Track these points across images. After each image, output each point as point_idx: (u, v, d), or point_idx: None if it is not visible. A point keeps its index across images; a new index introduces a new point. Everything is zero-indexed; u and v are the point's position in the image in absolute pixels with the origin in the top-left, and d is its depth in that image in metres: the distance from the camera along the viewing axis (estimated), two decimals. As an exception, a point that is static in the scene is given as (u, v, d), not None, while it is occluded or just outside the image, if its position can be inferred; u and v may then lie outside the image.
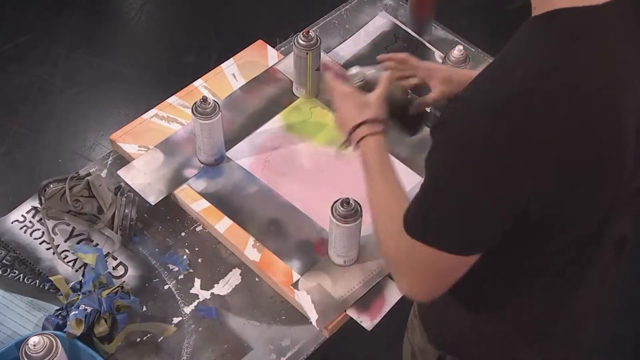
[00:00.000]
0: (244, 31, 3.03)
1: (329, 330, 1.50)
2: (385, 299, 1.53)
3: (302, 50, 1.75)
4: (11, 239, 1.61)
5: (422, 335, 1.41)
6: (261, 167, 1.72)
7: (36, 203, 1.65)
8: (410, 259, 1.11)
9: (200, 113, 1.62)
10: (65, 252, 1.59)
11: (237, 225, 1.62)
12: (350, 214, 1.47)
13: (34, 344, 1.27)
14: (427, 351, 1.40)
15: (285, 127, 1.79)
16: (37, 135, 2.88)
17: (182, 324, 1.51)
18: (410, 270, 1.13)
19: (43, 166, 2.78)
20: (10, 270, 1.57)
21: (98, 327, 1.43)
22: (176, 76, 2.91)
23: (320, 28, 2.02)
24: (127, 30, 3.35)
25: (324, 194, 1.66)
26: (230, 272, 1.58)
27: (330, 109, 1.82)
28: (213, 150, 1.69)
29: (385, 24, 2.02)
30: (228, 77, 1.88)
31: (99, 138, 2.88)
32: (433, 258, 1.07)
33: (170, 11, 3.43)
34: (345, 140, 1.38)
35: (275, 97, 1.85)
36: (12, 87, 3.02)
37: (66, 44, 3.17)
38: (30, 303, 1.51)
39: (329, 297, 1.52)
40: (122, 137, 1.76)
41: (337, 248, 1.53)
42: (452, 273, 1.10)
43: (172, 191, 1.67)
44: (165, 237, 1.63)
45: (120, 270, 1.57)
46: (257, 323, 1.51)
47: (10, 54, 3.12)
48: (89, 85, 3.05)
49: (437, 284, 1.13)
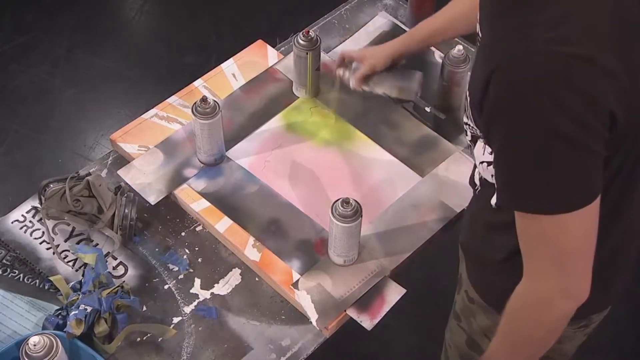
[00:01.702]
0: (244, 31, 3.04)
1: (328, 330, 1.50)
2: (385, 299, 1.53)
3: (302, 50, 1.75)
4: (11, 238, 1.61)
5: (486, 315, 1.37)
6: (261, 167, 1.72)
7: (36, 203, 1.65)
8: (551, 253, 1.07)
9: (200, 113, 1.62)
10: (65, 252, 1.59)
11: (237, 225, 1.62)
12: (350, 213, 1.47)
13: (34, 344, 1.27)
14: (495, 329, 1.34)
15: (285, 127, 1.79)
16: (37, 135, 2.88)
17: (182, 323, 1.51)
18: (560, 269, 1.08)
19: (43, 166, 2.78)
20: (11, 270, 1.57)
21: (98, 327, 1.43)
22: (176, 76, 2.90)
23: (320, 28, 2.02)
24: (127, 30, 3.35)
25: (323, 193, 1.67)
26: (230, 272, 1.58)
27: (330, 109, 1.82)
28: (213, 150, 1.69)
29: (385, 23, 2.02)
30: (228, 77, 1.88)
31: (99, 138, 2.88)
32: (569, 228, 1.04)
33: (170, 11, 3.43)
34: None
35: (275, 97, 1.85)
36: (12, 87, 3.02)
37: (66, 44, 3.17)
38: (31, 303, 1.51)
39: (329, 296, 1.52)
40: (122, 137, 1.76)
41: (337, 248, 1.53)
42: (592, 235, 1.07)
43: (172, 191, 1.67)
44: (165, 237, 1.63)
45: (120, 270, 1.57)
46: (257, 323, 1.52)
47: (10, 54, 3.12)
48: (89, 85, 3.05)
49: (588, 260, 1.08)
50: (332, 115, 1.81)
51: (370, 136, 1.77)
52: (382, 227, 1.62)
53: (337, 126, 1.80)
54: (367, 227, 1.60)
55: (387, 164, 1.73)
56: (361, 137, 1.78)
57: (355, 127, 1.79)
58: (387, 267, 1.56)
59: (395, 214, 1.64)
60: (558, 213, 1.04)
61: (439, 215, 1.64)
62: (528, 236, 1.10)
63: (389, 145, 1.76)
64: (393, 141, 1.77)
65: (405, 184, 1.69)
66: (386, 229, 1.62)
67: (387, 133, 1.78)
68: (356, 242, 1.54)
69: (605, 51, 1.00)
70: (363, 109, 1.82)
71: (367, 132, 1.78)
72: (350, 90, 1.75)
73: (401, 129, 1.79)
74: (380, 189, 1.69)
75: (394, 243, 1.60)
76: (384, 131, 1.79)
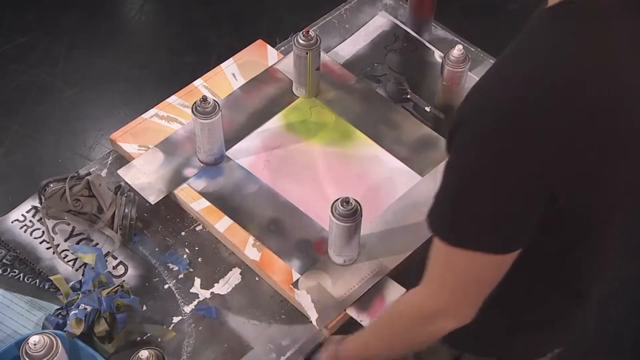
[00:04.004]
0: (244, 31, 3.04)
1: (328, 329, 1.50)
2: (385, 298, 1.53)
3: (302, 50, 1.75)
4: (11, 238, 1.61)
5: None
6: (261, 167, 1.72)
7: (36, 202, 1.65)
8: (450, 277, 1.10)
9: (200, 112, 1.62)
10: (65, 251, 1.59)
11: (237, 225, 1.62)
12: (350, 213, 1.47)
13: (34, 343, 1.27)
14: (439, 352, 1.39)
15: (285, 127, 1.79)
16: (37, 135, 2.88)
17: (182, 323, 1.51)
18: (452, 292, 1.12)
19: (43, 166, 2.78)
20: (10, 270, 1.57)
21: (98, 327, 1.43)
22: (176, 76, 2.90)
23: (320, 28, 2.02)
24: (127, 30, 3.35)
25: (324, 193, 1.67)
26: (230, 271, 1.58)
27: (330, 108, 1.82)
28: (213, 150, 1.69)
29: (385, 23, 2.02)
30: (228, 76, 1.88)
31: (99, 138, 2.88)
32: (471, 263, 1.07)
33: (170, 11, 3.43)
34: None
35: (275, 96, 1.85)
36: (12, 87, 3.02)
37: (66, 44, 3.17)
38: (31, 302, 1.51)
39: (329, 296, 1.52)
40: (122, 137, 1.76)
41: (337, 247, 1.53)
42: (490, 278, 1.10)
43: (172, 190, 1.67)
44: (165, 237, 1.63)
45: (120, 269, 1.57)
46: (257, 322, 1.52)
47: (10, 54, 3.12)
48: (89, 85, 3.05)
49: (480, 294, 1.12)
50: (332, 115, 1.81)
51: (370, 136, 1.77)
52: (382, 226, 1.62)
53: (337, 126, 1.80)
54: (367, 227, 1.60)
55: (387, 164, 1.73)
56: (361, 137, 1.78)
57: (355, 127, 1.79)
58: (387, 266, 1.56)
59: (395, 213, 1.64)
60: (467, 249, 1.06)
61: (439, 215, 1.64)
62: (436, 255, 1.12)
63: (389, 145, 1.76)
64: (393, 141, 1.77)
65: (405, 184, 1.69)
66: (386, 229, 1.62)
67: (387, 133, 1.78)
68: (356, 241, 1.54)
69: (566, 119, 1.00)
70: (363, 109, 1.83)
71: (367, 132, 1.78)
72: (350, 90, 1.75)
73: (401, 129, 1.79)
74: (380, 189, 1.69)
75: (393, 243, 1.60)
76: (384, 131, 1.79)
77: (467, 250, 1.06)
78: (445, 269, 1.12)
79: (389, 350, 1.31)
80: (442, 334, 1.18)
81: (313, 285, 1.53)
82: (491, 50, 1.96)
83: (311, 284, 1.54)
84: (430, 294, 1.16)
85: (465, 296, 1.12)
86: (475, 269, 1.09)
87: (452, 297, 1.13)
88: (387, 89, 1.88)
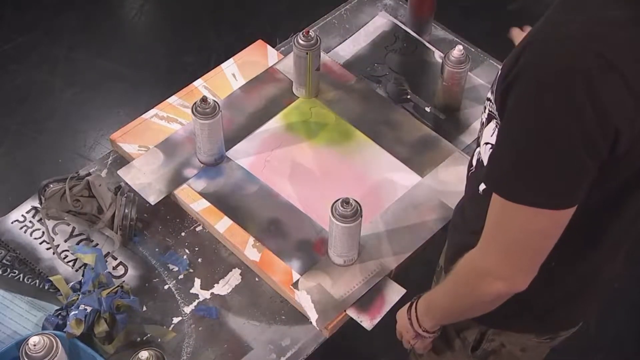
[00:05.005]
0: (244, 31, 3.05)
1: (328, 330, 1.50)
2: (385, 298, 1.53)
3: (302, 50, 1.75)
4: (11, 238, 1.61)
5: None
6: (261, 167, 1.72)
7: (36, 203, 1.65)
8: (502, 237, 1.09)
9: (200, 113, 1.62)
10: (65, 252, 1.59)
11: (237, 225, 1.62)
12: (350, 213, 1.47)
13: (34, 344, 1.27)
14: (468, 329, 1.37)
15: (285, 127, 1.79)
16: (37, 135, 2.88)
17: (182, 323, 1.51)
18: (503, 253, 1.10)
19: (43, 166, 2.78)
20: (10, 270, 1.57)
21: (98, 327, 1.43)
22: (176, 76, 2.90)
23: (320, 28, 2.02)
24: (127, 30, 3.35)
25: (324, 194, 1.67)
26: (230, 272, 1.58)
27: (330, 109, 1.82)
28: (213, 150, 1.69)
29: (385, 23, 2.02)
30: (228, 77, 1.88)
31: (99, 138, 2.87)
32: (529, 222, 1.05)
33: (170, 11, 3.43)
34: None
35: (275, 97, 1.85)
36: (12, 87, 3.02)
37: (66, 44, 3.17)
38: (30, 303, 1.51)
39: (329, 296, 1.52)
40: (122, 137, 1.76)
41: (337, 248, 1.53)
42: (545, 238, 1.08)
43: (172, 191, 1.67)
44: (165, 237, 1.63)
45: (120, 270, 1.57)
46: (257, 323, 1.52)
47: (10, 54, 3.12)
48: (89, 85, 3.04)
49: (533, 258, 1.10)
50: (332, 115, 1.81)
51: (370, 136, 1.77)
52: (382, 227, 1.62)
53: (337, 126, 1.80)
54: (367, 227, 1.60)
55: (387, 164, 1.73)
56: (361, 137, 1.78)
57: (355, 127, 1.79)
58: (387, 267, 1.56)
59: (395, 214, 1.64)
60: (526, 205, 1.04)
61: (439, 215, 1.64)
62: (493, 213, 1.11)
63: (389, 145, 1.76)
64: (393, 141, 1.77)
65: (405, 184, 1.70)
66: (386, 229, 1.62)
67: (387, 133, 1.78)
68: (356, 242, 1.54)
69: (631, 64, 1.00)
70: (363, 109, 1.83)
71: (367, 132, 1.78)
72: (350, 91, 1.75)
73: (401, 129, 1.79)
74: (380, 189, 1.69)
75: (394, 243, 1.60)
76: (384, 131, 1.79)
77: (526, 207, 1.04)
78: (500, 226, 1.10)
79: (453, 309, 1.29)
80: (496, 297, 1.15)
81: (313, 286, 1.53)
82: (491, 51, 1.96)
83: (311, 284, 1.54)
84: (483, 251, 1.14)
85: (518, 259, 1.10)
86: (532, 228, 1.07)
87: (503, 256, 1.11)
88: (387, 89, 1.88)
